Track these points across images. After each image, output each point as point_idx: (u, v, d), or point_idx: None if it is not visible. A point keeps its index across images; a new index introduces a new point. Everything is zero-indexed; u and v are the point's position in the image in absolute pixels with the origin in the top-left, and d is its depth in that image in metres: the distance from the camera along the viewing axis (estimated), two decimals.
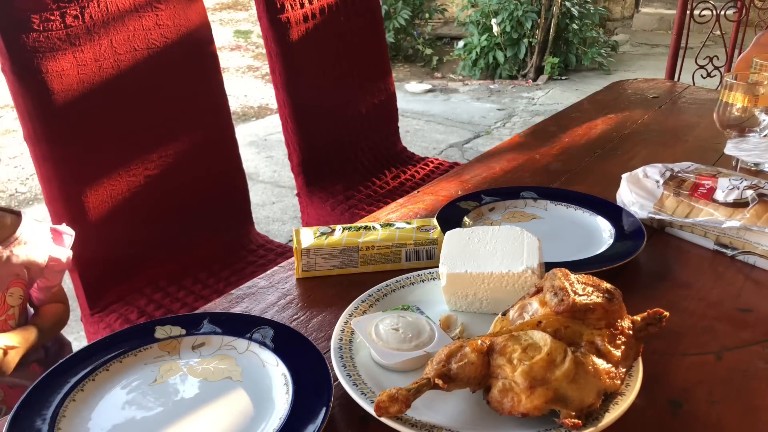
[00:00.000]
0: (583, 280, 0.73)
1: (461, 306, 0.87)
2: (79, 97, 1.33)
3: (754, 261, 1.00)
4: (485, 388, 0.68)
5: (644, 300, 0.85)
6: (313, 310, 0.90)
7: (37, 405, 0.70)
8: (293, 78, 1.81)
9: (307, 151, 1.89)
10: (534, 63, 5.41)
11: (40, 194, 3.14)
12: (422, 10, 5.95)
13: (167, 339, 0.81)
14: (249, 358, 0.79)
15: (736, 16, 2.76)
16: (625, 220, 1.10)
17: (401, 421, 0.66)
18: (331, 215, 1.84)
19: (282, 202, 3.34)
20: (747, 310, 0.90)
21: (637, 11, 7.18)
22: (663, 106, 1.80)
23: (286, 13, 1.77)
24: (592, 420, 0.65)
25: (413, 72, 5.78)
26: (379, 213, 1.20)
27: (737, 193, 1.03)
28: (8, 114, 4.38)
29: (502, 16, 5.28)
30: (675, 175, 1.12)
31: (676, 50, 2.74)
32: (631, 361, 0.71)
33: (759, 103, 1.27)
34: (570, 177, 1.35)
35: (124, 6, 1.39)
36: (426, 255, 1.00)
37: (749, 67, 1.42)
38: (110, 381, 0.75)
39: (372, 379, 0.73)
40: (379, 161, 2.12)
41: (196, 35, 1.53)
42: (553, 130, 1.63)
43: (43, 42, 1.26)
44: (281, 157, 3.74)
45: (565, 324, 0.69)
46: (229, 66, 5.71)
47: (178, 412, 0.70)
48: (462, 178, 1.34)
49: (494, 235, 0.90)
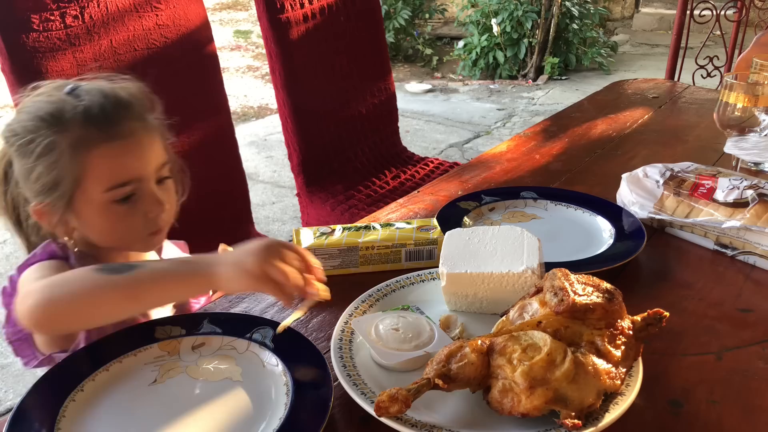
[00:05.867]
0: (583, 280, 0.73)
1: (461, 306, 0.87)
2: None
3: (754, 261, 1.00)
4: (485, 388, 0.68)
5: (644, 300, 0.85)
6: (313, 310, 0.90)
7: (37, 405, 0.70)
8: (293, 78, 1.81)
9: (307, 151, 1.89)
10: (534, 63, 5.41)
11: None
12: (422, 10, 5.94)
13: (167, 339, 0.81)
14: (249, 358, 0.79)
15: (736, 16, 2.76)
16: (625, 220, 1.10)
17: (401, 421, 0.66)
18: (331, 215, 1.84)
19: (282, 202, 3.34)
20: (747, 310, 0.90)
21: (637, 11, 7.17)
22: (663, 106, 1.80)
23: (286, 13, 1.77)
24: (592, 420, 0.65)
25: (413, 72, 5.78)
26: (379, 213, 1.20)
27: (737, 193, 1.03)
28: (8, 114, 4.38)
29: (502, 16, 5.27)
30: (675, 175, 1.12)
31: (676, 50, 2.74)
32: (631, 361, 0.71)
33: (759, 103, 1.27)
34: (570, 177, 1.35)
35: (124, 6, 1.39)
36: (426, 255, 1.00)
37: (749, 67, 1.42)
38: (110, 381, 0.75)
39: (372, 379, 0.73)
40: (379, 161, 2.12)
41: (196, 35, 1.53)
42: (553, 130, 1.63)
43: (43, 42, 1.26)
44: (281, 157, 3.74)
45: (565, 324, 0.69)
46: (229, 66, 5.71)
47: (178, 413, 0.70)
48: (462, 178, 1.34)
49: (494, 235, 0.90)
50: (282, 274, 0.73)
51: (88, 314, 0.76)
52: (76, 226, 0.91)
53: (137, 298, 0.76)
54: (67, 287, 0.76)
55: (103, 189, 0.87)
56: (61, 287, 0.76)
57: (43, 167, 0.86)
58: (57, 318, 0.76)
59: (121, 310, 0.78)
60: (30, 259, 0.90)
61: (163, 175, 0.93)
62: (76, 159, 0.85)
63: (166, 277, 0.76)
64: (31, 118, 0.87)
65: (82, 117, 0.85)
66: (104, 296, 0.75)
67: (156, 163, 0.91)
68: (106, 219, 0.89)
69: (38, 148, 0.85)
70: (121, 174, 0.87)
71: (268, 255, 0.73)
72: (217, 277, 0.74)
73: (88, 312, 0.76)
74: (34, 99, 0.89)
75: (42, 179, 0.86)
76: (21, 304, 0.77)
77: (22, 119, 0.88)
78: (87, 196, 0.87)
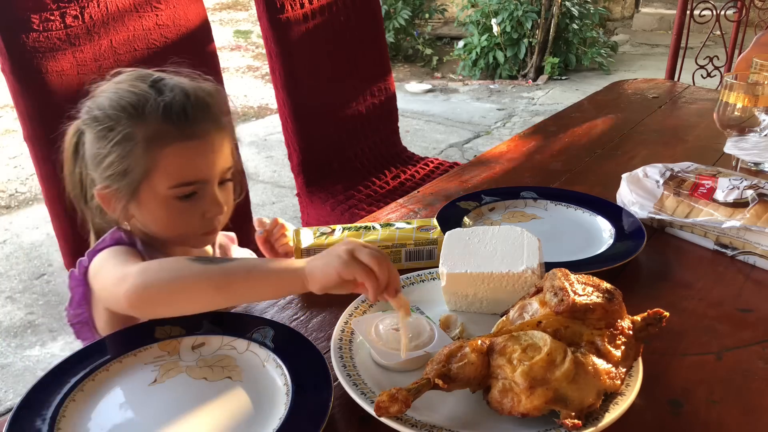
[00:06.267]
0: (583, 280, 0.73)
1: (461, 306, 0.87)
2: (79, 97, 1.32)
3: (754, 261, 1.00)
4: (485, 388, 0.68)
5: (644, 300, 0.85)
6: (313, 310, 0.90)
7: (37, 405, 0.69)
8: (293, 78, 1.81)
9: (307, 151, 1.89)
10: (534, 63, 5.41)
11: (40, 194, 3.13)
12: (422, 10, 5.94)
13: (167, 339, 0.81)
14: (249, 358, 0.79)
15: (736, 16, 2.76)
16: (625, 220, 1.10)
17: (401, 421, 0.66)
18: (331, 215, 1.84)
19: (282, 202, 3.34)
20: (747, 310, 0.90)
21: (637, 11, 7.17)
22: (663, 106, 1.80)
23: (286, 13, 1.77)
24: (592, 420, 0.65)
25: (413, 72, 5.78)
26: (379, 213, 1.20)
27: (737, 193, 1.03)
28: (8, 114, 4.37)
29: (502, 16, 5.27)
30: (675, 175, 1.12)
31: (676, 50, 2.74)
32: (631, 361, 0.71)
33: (759, 103, 1.27)
34: (570, 177, 1.35)
35: (124, 6, 1.39)
36: (426, 255, 1.00)
37: (749, 67, 1.42)
38: (110, 381, 0.75)
39: (372, 379, 0.73)
40: (379, 161, 2.12)
41: (196, 35, 1.53)
42: (553, 130, 1.63)
43: (43, 42, 1.26)
44: (281, 157, 3.73)
45: (565, 324, 0.69)
46: (229, 66, 5.71)
47: (177, 412, 0.70)
48: (462, 178, 1.34)
49: (494, 235, 0.90)
50: (367, 273, 0.74)
51: (181, 301, 0.78)
52: (136, 214, 0.93)
53: (228, 291, 0.78)
54: (163, 273, 0.78)
55: (169, 185, 0.89)
56: (158, 273, 0.78)
57: (116, 155, 0.88)
58: (152, 302, 0.78)
59: (211, 301, 0.79)
60: (99, 245, 0.92)
61: (226, 177, 0.95)
62: (149, 152, 0.87)
63: (257, 274, 0.78)
64: (114, 106, 0.88)
65: (162, 113, 0.87)
66: (198, 285, 0.77)
67: (222, 167, 0.93)
68: (166, 213, 0.91)
69: (117, 136, 0.88)
70: (189, 173, 0.90)
71: (353, 256, 0.74)
72: (307, 276, 0.75)
73: (180, 299, 0.78)
74: (117, 86, 0.91)
75: (113, 167, 0.89)
76: (117, 286, 0.78)
77: (103, 105, 0.89)
78: (152, 189, 0.89)
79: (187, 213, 0.92)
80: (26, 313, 2.44)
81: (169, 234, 0.95)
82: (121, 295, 0.77)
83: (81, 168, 0.95)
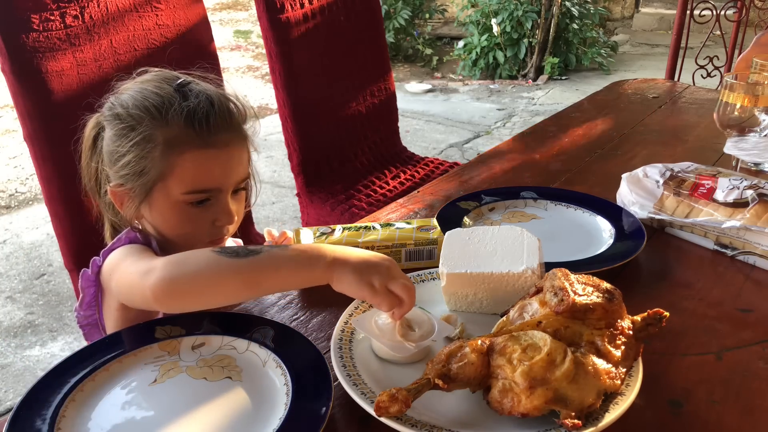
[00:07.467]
0: (583, 280, 0.73)
1: (461, 306, 0.87)
2: (79, 97, 1.33)
3: (754, 261, 1.00)
4: (485, 388, 0.68)
5: (644, 300, 0.85)
6: (313, 310, 0.90)
7: (37, 405, 0.69)
8: (293, 78, 1.81)
9: (307, 151, 1.89)
10: (534, 63, 5.41)
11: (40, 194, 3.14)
12: (422, 10, 5.94)
13: (167, 339, 0.81)
14: (249, 358, 0.79)
15: (736, 16, 2.76)
16: (625, 220, 1.10)
17: (401, 421, 0.66)
18: (331, 215, 1.84)
19: (282, 202, 3.34)
20: (747, 310, 0.90)
21: (637, 11, 7.17)
22: (663, 106, 1.79)
23: (286, 13, 1.77)
24: (592, 420, 0.65)
25: (413, 72, 5.78)
26: (379, 213, 1.20)
27: (737, 193, 1.03)
28: (8, 114, 4.38)
29: (502, 16, 5.28)
30: (675, 175, 1.12)
31: (676, 50, 2.74)
32: (631, 361, 0.71)
33: (759, 103, 1.27)
34: (570, 177, 1.35)
35: (124, 6, 1.39)
36: (426, 255, 1.00)
37: (749, 67, 1.42)
38: (110, 381, 0.75)
39: (372, 379, 0.73)
40: (379, 161, 2.12)
41: (196, 35, 1.53)
42: (553, 130, 1.63)
43: (43, 42, 1.26)
44: (281, 157, 3.73)
45: (565, 324, 0.69)
46: (229, 66, 5.71)
47: (177, 412, 0.70)
48: (462, 178, 1.34)
49: (494, 235, 0.90)
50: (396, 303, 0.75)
51: (208, 294, 0.77)
52: (146, 215, 0.93)
53: (255, 283, 0.77)
54: (189, 266, 0.77)
55: (183, 190, 0.89)
56: (185, 266, 0.77)
57: (133, 155, 0.88)
58: (179, 295, 0.77)
59: (238, 294, 0.79)
60: (115, 243, 0.92)
61: (239, 187, 0.95)
62: (168, 156, 0.87)
63: (285, 266, 0.77)
64: (138, 105, 0.88)
65: (185, 118, 0.87)
66: (225, 278, 0.76)
67: (238, 177, 0.93)
68: (176, 216, 0.91)
69: (137, 137, 0.87)
70: (204, 181, 0.90)
71: (386, 289, 0.75)
72: (335, 277, 0.75)
73: (208, 292, 0.77)
74: (142, 86, 0.91)
75: (129, 166, 0.88)
76: (142, 279, 0.77)
77: (127, 104, 0.89)
78: (166, 192, 0.89)
79: (198, 219, 0.92)
80: (26, 313, 2.44)
81: (177, 237, 0.95)
82: (146, 288, 0.76)
83: (97, 163, 0.95)
